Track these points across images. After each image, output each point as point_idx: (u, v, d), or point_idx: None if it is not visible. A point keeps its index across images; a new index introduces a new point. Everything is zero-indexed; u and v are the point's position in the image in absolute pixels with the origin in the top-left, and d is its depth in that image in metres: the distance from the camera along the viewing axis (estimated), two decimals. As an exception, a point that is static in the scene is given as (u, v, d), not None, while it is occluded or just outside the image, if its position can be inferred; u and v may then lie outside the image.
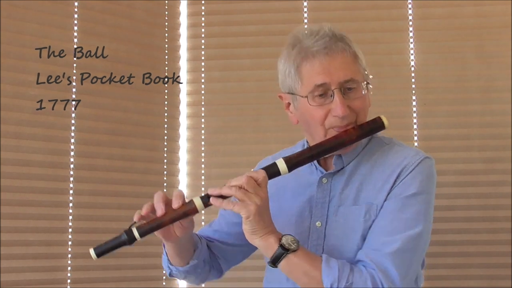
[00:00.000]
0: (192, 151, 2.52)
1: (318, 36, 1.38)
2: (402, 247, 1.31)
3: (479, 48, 2.42)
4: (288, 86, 1.43)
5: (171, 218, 1.33)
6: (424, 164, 1.39)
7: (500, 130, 2.36)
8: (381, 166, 1.40)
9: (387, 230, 1.33)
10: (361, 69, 1.41)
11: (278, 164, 1.36)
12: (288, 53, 1.42)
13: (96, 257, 1.36)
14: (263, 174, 1.33)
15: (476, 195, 2.35)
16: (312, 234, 1.42)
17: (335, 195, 1.42)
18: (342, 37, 1.41)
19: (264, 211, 1.31)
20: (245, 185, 1.30)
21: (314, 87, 1.36)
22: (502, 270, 2.30)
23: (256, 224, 1.29)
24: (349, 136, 1.37)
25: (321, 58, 1.36)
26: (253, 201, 1.28)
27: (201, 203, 1.32)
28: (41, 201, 2.22)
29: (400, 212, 1.34)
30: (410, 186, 1.36)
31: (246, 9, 2.54)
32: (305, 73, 1.38)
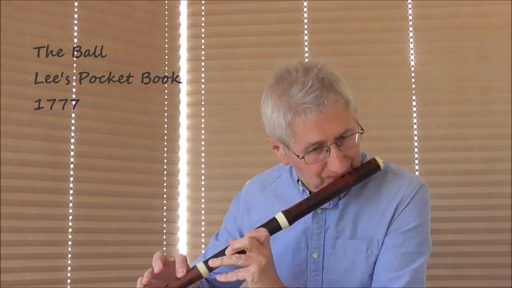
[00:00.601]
0: (192, 151, 2.52)
1: (307, 87, 1.29)
2: (411, 281, 1.34)
3: (479, 48, 2.42)
4: (278, 137, 1.38)
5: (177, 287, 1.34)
6: (420, 194, 1.40)
7: (500, 130, 2.36)
8: (376, 198, 1.40)
9: (393, 266, 1.35)
10: (352, 114, 1.35)
11: (278, 219, 1.35)
12: (275, 104, 1.34)
13: None
14: (265, 233, 1.31)
15: (476, 195, 2.35)
16: (310, 266, 1.43)
17: (330, 226, 1.42)
18: (332, 84, 1.31)
19: (270, 269, 1.30)
20: (248, 246, 1.28)
21: (308, 145, 1.31)
22: (502, 270, 2.30)
23: (262, 284, 1.28)
24: (346, 182, 1.35)
25: (314, 115, 1.29)
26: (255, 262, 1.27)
27: (206, 270, 1.32)
28: (41, 201, 2.22)
29: (403, 247, 1.36)
30: (409, 219, 1.37)
31: (246, 9, 2.54)
32: (298, 130, 1.31)
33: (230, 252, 1.30)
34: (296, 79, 1.32)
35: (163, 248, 2.40)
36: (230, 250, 1.30)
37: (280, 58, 2.50)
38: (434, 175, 2.35)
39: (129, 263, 2.35)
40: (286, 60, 2.54)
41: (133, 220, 2.37)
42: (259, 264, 1.26)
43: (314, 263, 1.42)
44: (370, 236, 1.38)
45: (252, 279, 1.27)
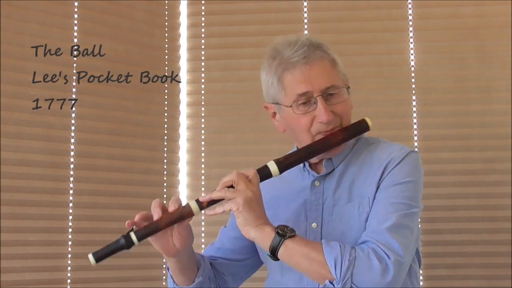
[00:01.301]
0: (192, 151, 2.52)
1: (296, 46, 1.42)
2: (397, 223, 1.33)
3: (479, 48, 2.42)
4: (272, 97, 1.48)
5: (168, 221, 1.36)
6: (411, 156, 1.43)
7: (500, 130, 2.36)
8: (369, 163, 1.44)
9: (381, 213, 1.36)
10: (340, 74, 1.45)
11: (269, 166, 1.40)
12: (269, 65, 1.46)
13: (95, 262, 1.38)
14: (253, 171, 1.37)
15: (476, 195, 2.35)
16: (308, 236, 1.44)
17: (328, 196, 1.45)
18: (319, 45, 1.44)
19: (256, 203, 1.33)
20: (235, 179, 1.33)
21: (297, 96, 1.40)
22: (502, 270, 2.30)
23: (247, 215, 1.31)
24: (335, 137, 1.41)
25: (301, 67, 1.40)
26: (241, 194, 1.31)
27: (197, 206, 1.35)
28: (41, 201, 2.22)
29: (392, 198, 1.37)
30: (399, 175, 1.40)
31: (246, 9, 2.54)
32: (287, 83, 1.42)
33: (219, 188, 1.35)
34: (288, 42, 1.45)
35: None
36: (219, 186, 1.35)
37: (280, 58, 2.50)
38: (434, 175, 2.35)
39: (129, 263, 2.35)
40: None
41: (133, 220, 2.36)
42: (246, 195, 1.31)
43: (313, 233, 1.44)
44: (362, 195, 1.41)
45: (237, 209, 1.31)
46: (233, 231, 1.57)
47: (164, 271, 2.41)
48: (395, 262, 1.27)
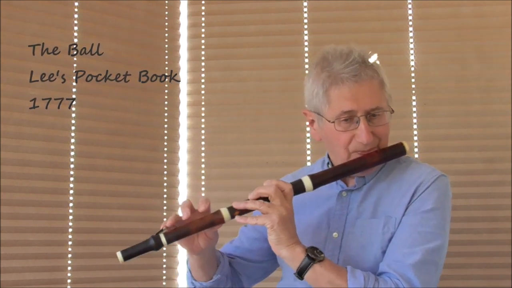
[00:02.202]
0: (192, 151, 2.52)
1: (348, 61, 1.40)
2: (423, 259, 1.35)
3: (479, 48, 2.42)
4: (314, 106, 1.47)
5: (198, 226, 1.36)
6: (440, 181, 1.45)
7: (500, 130, 2.36)
8: (398, 182, 1.45)
9: (407, 243, 1.36)
10: (386, 96, 1.46)
11: (304, 181, 1.40)
12: (317, 74, 1.45)
13: (123, 260, 1.39)
14: (290, 186, 1.37)
15: (476, 195, 2.35)
16: (328, 245, 1.45)
17: (353, 208, 1.46)
18: (371, 64, 1.44)
19: (289, 222, 1.33)
20: (272, 194, 1.32)
21: (341, 112, 1.40)
22: (502, 270, 2.30)
23: (281, 233, 1.31)
24: (371, 159, 1.42)
25: (350, 84, 1.39)
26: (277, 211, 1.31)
27: (228, 214, 1.35)
28: (41, 201, 2.22)
29: (419, 226, 1.38)
30: (427, 201, 1.41)
31: (246, 9, 2.54)
32: (333, 97, 1.41)
33: (253, 197, 1.35)
34: (340, 55, 1.43)
35: (163, 248, 2.39)
36: (253, 194, 1.35)
37: (280, 58, 2.51)
38: (434, 175, 2.35)
39: (129, 263, 2.30)
40: (286, 60, 2.58)
41: (133, 220, 2.37)
42: (280, 214, 1.31)
43: (332, 242, 1.45)
44: (388, 215, 1.41)
45: (271, 226, 1.31)
46: (253, 232, 1.59)
47: (164, 271, 2.41)
48: None
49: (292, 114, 2.47)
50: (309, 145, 2.44)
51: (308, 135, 2.44)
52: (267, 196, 1.33)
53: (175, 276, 2.44)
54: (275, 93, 2.50)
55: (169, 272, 2.42)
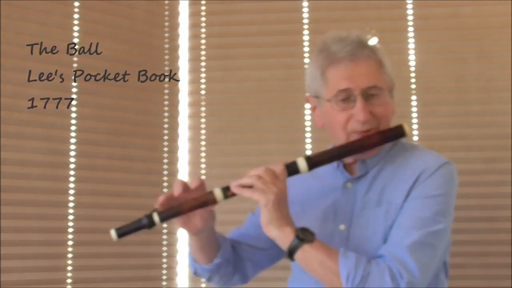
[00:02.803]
0: (192, 151, 2.52)
1: (345, 42, 1.41)
2: (420, 240, 1.31)
3: (479, 48, 2.42)
4: (314, 90, 1.47)
5: (191, 206, 1.37)
6: (445, 168, 1.41)
7: (500, 130, 2.36)
8: (403, 170, 1.42)
9: (405, 226, 1.34)
10: (385, 77, 1.44)
11: (298, 162, 1.38)
12: (315, 58, 1.45)
13: (118, 237, 1.42)
14: (281, 167, 1.36)
15: (476, 195, 2.35)
16: (334, 237, 1.43)
17: (359, 199, 1.44)
18: (368, 44, 1.44)
19: (282, 202, 1.33)
20: (263, 175, 1.33)
21: (337, 91, 1.39)
22: (502, 270, 2.30)
23: (274, 213, 1.32)
24: (369, 140, 1.40)
25: (346, 63, 1.39)
26: (273, 189, 1.31)
27: (221, 194, 1.37)
28: (41, 201, 2.22)
29: (419, 211, 1.35)
30: (430, 187, 1.37)
31: (247, 9, 2.54)
32: (329, 77, 1.41)
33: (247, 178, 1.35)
34: (337, 38, 1.43)
35: (162, 248, 2.40)
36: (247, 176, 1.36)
37: (280, 58, 2.51)
38: (434, 175, 2.35)
39: (129, 263, 2.35)
40: (286, 60, 2.57)
41: (133, 220, 2.36)
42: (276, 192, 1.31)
43: (339, 234, 1.43)
44: (390, 201, 1.39)
45: (265, 204, 1.31)
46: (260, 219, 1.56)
47: (164, 271, 2.41)
48: (408, 283, 1.26)
49: (292, 114, 2.47)
50: (309, 145, 2.44)
51: (308, 135, 2.44)
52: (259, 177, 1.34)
53: (175, 276, 2.44)
54: (275, 93, 2.50)
55: (169, 272, 2.42)
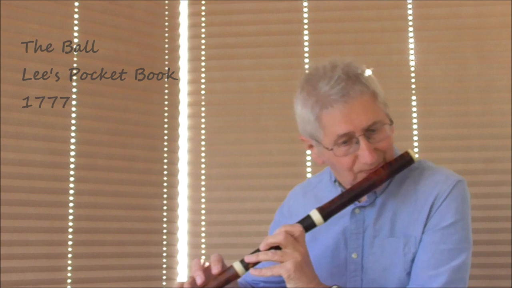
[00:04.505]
0: (192, 151, 2.52)
1: (333, 81, 1.33)
2: (450, 280, 1.30)
3: (479, 48, 2.42)
4: (309, 133, 1.41)
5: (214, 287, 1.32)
6: (457, 189, 1.39)
7: (500, 130, 2.36)
8: (413, 195, 1.39)
9: (431, 264, 1.32)
10: (381, 107, 1.38)
11: (312, 216, 1.34)
12: (304, 100, 1.38)
13: None
14: (300, 228, 1.31)
15: (476, 195, 2.34)
16: (349, 266, 1.41)
17: (369, 226, 1.41)
18: (358, 77, 1.36)
19: (306, 266, 1.28)
20: (283, 242, 1.27)
21: (337, 137, 1.33)
22: (502, 270, 2.30)
23: (298, 281, 1.26)
24: (379, 176, 1.35)
25: (340, 106, 1.32)
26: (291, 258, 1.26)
27: (242, 268, 1.31)
28: (41, 201, 2.21)
29: (441, 243, 1.33)
30: (447, 215, 1.35)
31: (246, 9, 2.54)
32: (326, 123, 1.34)
33: (264, 247, 1.29)
34: (324, 74, 1.35)
35: (162, 248, 2.40)
36: (264, 245, 1.29)
37: (280, 58, 2.51)
38: (434, 175, 2.35)
39: (129, 263, 2.35)
40: (286, 60, 2.57)
41: (133, 220, 2.37)
42: (295, 261, 1.26)
43: (353, 263, 1.41)
44: (408, 233, 1.36)
45: (288, 276, 1.26)
46: None
47: (164, 271, 2.41)
48: None
49: (292, 114, 2.44)
50: (309, 145, 2.44)
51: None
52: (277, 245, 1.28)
53: (175, 276, 2.44)
54: (275, 93, 2.50)
55: (169, 272, 2.42)
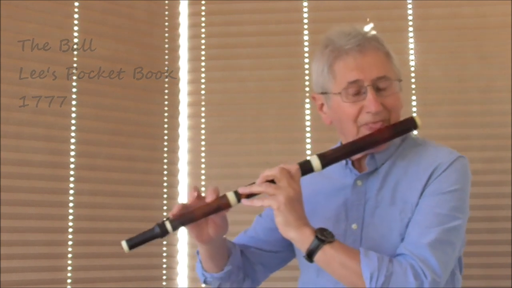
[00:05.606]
0: (192, 151, 2.52)
1: (350, 35, 1.38)
2: (439, 238, 1.30)
3: (479, 48, 2.42)
4: (321, 86, 1.43)
5: (204, 212, 1.34)
6: (459, 162, 1.40)
7: (500, 130, 2.36)
8: (415, 166, 1.40)
9: (423, 224, 1.32)
10: (394, 68, 1.42)
11: (312, 161, 1.35)
12: (321, 53, 1.42)
13: (129, 249, 1.38)
14: (296, 166, 1.33)
15: (476, 195, 2.34)
16: (348, 237, 1.41)
17: (371, 197, 1.41)
18: (374, 36, 1.41)
19: (297, 203, 1.30)
20: (278, 175, 1.29)
21: (347, 84, 1.36)
22: (502, 270, 2.30)
23: (288, 214, 1.28)
24: (382, 135, 1.37)
25: (354, 54, 1.36)
26: (283, 192, 1.27)
27: (235, 198, 1.32)
28: (41, 201, 2.22)
29: (436, 208, 1.33)
30: (445, 183, 1.36)
31: (246, 9, 2.54)
32: (338, 70, 1.38)
33: (260, 180, 1.31)
34: (342, 32, 1.40)
35: (162, 248, 2.40)
36: (260, 179, 1.31)
37: (280, 58, 2.51)
38: (434, 175, 2.35)
39: (129, 263, 2.35)
40: (286, 60, 2.57)
41: (133, 220, 2.37)
42: (287, 194, 1.27)
43: (353, 234, 1.41)
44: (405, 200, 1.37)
45: (277, 207, 1.27)
46: (269, 222, 1.53)
47: (164, 271, 2.41)
48: (432, 281, 1.25)
49: (292, 114, 2.47)
50: (309, 145, 2.44)
51: (308, 135, 2.44)
52: (273, 178, 1.30)
53: (175, 276, 2.44)
54: (275, 93, 2.50)
55: (169, 272, 2.42)
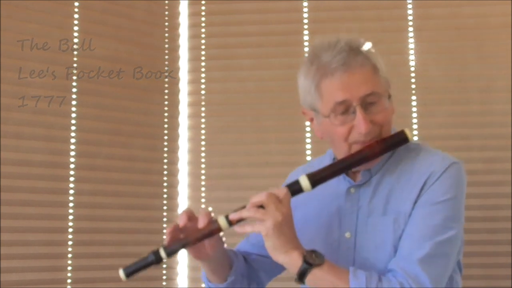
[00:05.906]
0: (192, 151, 2.52)
1: (335, 51, 1.35)
2: (431, 253, 1.28)
3: (479, 48, 2.42)
4: (309, 103, 1.42)
5: (197, 237, 1.35)
6: (452, 169, 1.36)
7: (500, 130, 2.36)
8: (408, 174, 1.38)
9: (415, 238, 1.31)
10: (381, 81, 1.39)
11: (301, 181, 1.34)
12: (307, 70, 1.40)
13: (126, 277, 1.43)
14: (285, 191, 1.32)
15: (476, 195, 2.35)
16: (341, 245, 1.41)
17: (363, 205, 1.41)
18: (360, 50, 1.38)
19: (286, 227, 1.29)
20: (265, 201, 1.28)
21: (334, 104, 1.34)
22: (502, 270, 2.30)
23: (276, 240, 1.28)
24: (372, 151, 1.35)
25: (340, 74, 1.34)
26: (271, 217, 1.27)
27: (226, 223, 1.32)
28: (41, 201, 2.22)
29: (428, 219, 1.32)
30: (438, 192, 1.33)
31: (246, 9, 2.54)
32: (324, 90, 1.36)
33: (249, 206, 1.31)
34: (327, 46, 1.37)
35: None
36: (249, 205, 1.31)
37: (280, 58, 2.51)
38: (434, 175, 2.35)
39: (129, 263, 2.34)
40: (286, 60, 2.57)
41: (133, 220, 2.37)
42: (275, 220, 1.27)
43: (346, 242, 1.40)
44: (398, 210, 1.35)
45: (266, 234, 1.27)
46: None
47: (164, 271, 2.41)
48: None
49: (292, 114, 2.47)
50: (309, 145, 2.44)
51: (308, 135, 2.44)
52: (261, 204, 1.29)
53: (175, 276, 2.44)
54: (275, 93, 2.50)
55: (169, 272, 2.42)
